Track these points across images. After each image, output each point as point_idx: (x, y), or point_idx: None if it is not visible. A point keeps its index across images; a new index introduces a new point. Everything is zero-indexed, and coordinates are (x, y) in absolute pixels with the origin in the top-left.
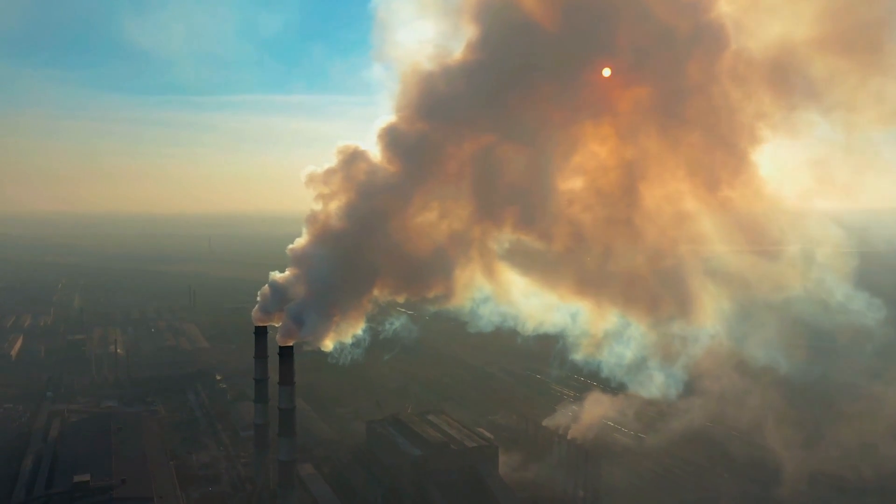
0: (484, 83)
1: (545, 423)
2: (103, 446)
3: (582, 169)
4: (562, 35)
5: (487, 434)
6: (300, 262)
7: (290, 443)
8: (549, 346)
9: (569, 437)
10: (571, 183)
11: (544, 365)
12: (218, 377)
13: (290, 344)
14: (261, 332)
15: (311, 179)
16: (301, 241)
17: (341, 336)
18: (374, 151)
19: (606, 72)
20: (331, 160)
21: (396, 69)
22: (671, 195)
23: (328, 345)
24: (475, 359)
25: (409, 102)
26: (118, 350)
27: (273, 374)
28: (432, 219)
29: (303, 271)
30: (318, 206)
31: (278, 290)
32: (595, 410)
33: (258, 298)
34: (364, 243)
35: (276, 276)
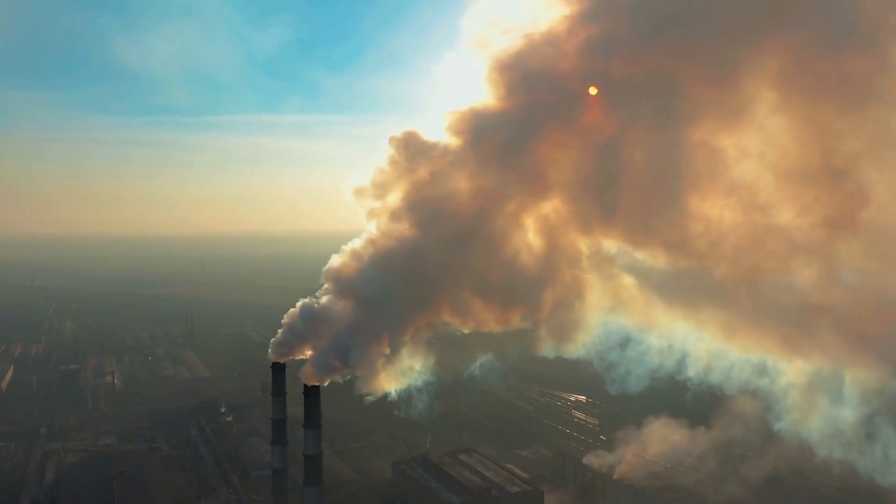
0: (601, 54)
1: (586, 460)
2: (105, 493)
3: (759, 154)
4: None
5: (523, 474)
6: (346, 287)
7: (316, 493)
8: (565, 369)
9: (615, 476)
10: (737, 172)
11: (560, 389)
12: (222, 409)
13: (325, 383)
14: (279, 367)
15: (360, 193)
16: (346, 261)
17: (404, 376)
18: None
19: (593, 91)
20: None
21: (488, 51)
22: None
23: (387, 386)
24: (489, 384)
25: (505, 84)
26: (115, 381)
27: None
28: (531, 226)
29: (352, 298)
30: (371, 224)
31: (315, 320)
32: (644, 447)
33: (282, 328)
34: (441, 260)
35: (312, 303)
